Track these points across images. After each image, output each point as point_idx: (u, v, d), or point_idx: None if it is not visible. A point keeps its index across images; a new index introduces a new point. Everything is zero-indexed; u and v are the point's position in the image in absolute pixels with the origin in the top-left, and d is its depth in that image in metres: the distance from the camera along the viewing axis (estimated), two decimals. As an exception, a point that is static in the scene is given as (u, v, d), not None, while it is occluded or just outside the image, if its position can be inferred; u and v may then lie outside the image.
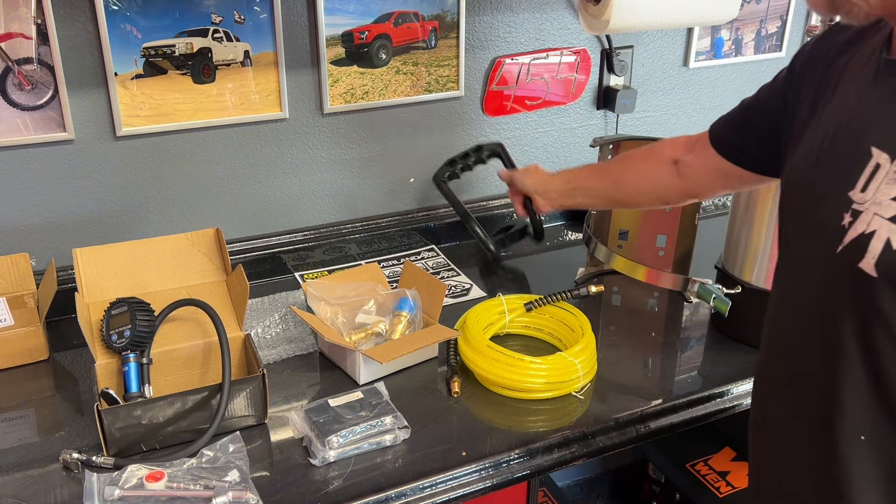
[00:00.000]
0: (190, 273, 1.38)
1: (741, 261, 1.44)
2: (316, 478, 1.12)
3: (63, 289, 1.38)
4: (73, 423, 1.25)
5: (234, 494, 1.05)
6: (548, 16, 1.83)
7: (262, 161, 1.67)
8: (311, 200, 1.75)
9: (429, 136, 1.81)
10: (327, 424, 1.18)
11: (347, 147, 1.74)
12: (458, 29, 1.73)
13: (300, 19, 1.59)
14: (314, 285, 1.45)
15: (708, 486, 1.74)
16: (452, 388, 1.30)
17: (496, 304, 1.46)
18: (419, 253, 1.82)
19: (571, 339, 1.39)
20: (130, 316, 1.24)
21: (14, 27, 1.38)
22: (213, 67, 1.54)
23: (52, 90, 1.44)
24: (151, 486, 1.05)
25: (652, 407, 1.29)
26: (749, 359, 1.40)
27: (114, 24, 1.44)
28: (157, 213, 1.61)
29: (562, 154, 1.99)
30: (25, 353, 1.38)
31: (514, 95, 1.86)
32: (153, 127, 1.54)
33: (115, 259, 1.34)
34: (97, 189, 1.55)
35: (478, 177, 1.90)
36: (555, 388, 1.29)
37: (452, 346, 1.39)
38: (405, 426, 1.20)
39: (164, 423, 1.16)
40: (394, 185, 1.82)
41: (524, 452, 1.19)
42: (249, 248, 1.69)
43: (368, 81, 1.69)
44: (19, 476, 1.13)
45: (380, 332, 1.39)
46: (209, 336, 1.30)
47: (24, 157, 1.47)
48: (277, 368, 1.37)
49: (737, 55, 2.08)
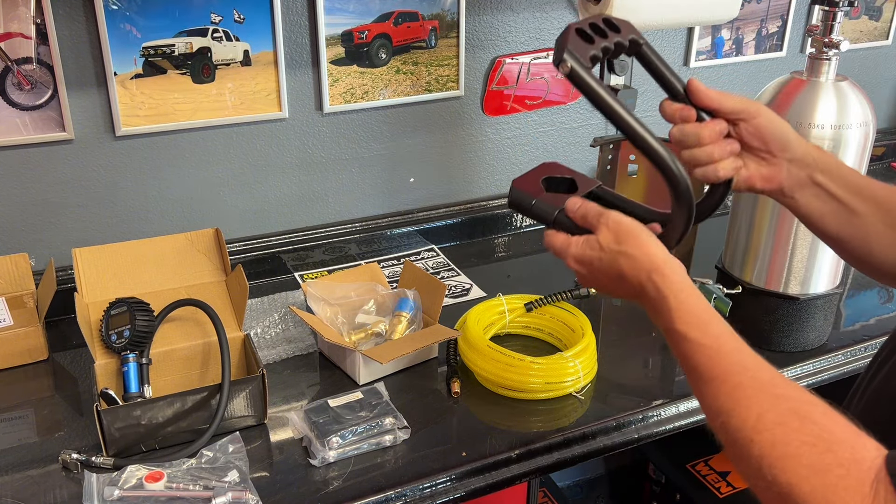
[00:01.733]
0: (189, 273, 1.38)
1: (742, 261, 1.44)
2: (316, 478, 1.12)
3: (62, 289, 1.38)
4: (72, 423, 1.25)
5: (233, 495, 1.05)
6: (548, 15, 1.83)
7: (261, 161, 1.67)
8: (311, 200, 1.75)
9: (429, 136, 1.81)
10: (327, 425, 1.17)
11: (347, 147, 1.74)
12: (458, 28, 1.73)
13: (300, 19, 1.59)
14: (314, 285, 1.45)
15: (708, 487, 1.74)
16: (452, 388, 1.30)
17: (496, 304, 1.46)
18: (419, 253, 1.82)
19: (572, 339, 1.39)
20: (130, 316, 1.24)
21: (13, 27, 1.38)
22: (212, 67, 1.54)
23: (52, 90, 1.44)
24: (151, 487, 1.05)
25: (652, 407, 1.28)
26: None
27: (113, 23, 1.44)
28: (156, 213, 1.61)
29: (562, 154, 1.98)
30: (25, 354, 1.38)
31: (514, 95, 1.86)
32: (153, 127, 1.53)
33: (115, 259, 1.34)
34: (97, 189, 1.55)
35: (478, 174, 1.90)
36: (555, 389, 1.29)
37: (452, 347, 1.38)
38: (405, 426, 1.20)
39: (163, 424, 1.16)
40: (394, 185, 1.82)
41: (524, 452, 1.19)
42: (249, 248, 1.69)
43: (368, 81, 1.69)
44: (19, 476, 1.12)
45: (380, 332, 1.39)
46: (209, 336, 1.30)
47: (24, 156, 1.47)
48: (277, 368, 1.37)
49: (737, 55, 2.07)
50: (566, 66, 0.84)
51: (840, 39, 1.29)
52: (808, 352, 1.43)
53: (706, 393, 0.72)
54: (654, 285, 0.79)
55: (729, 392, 0.69)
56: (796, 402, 0.67)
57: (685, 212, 0.86)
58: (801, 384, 1.42)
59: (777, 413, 0.65)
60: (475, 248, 1.86)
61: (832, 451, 0.62)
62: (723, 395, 0.69)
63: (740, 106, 0.93)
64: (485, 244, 1.88)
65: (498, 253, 1.86)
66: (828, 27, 1.30)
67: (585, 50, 0.86)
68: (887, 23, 2.26)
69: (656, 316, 0.80)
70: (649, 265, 0.81)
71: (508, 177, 1.93)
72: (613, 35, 0.93)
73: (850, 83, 1.32)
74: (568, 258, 0.89)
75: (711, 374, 0.71)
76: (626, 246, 0.83)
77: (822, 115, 1.28)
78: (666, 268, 0.80)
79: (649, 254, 0.82)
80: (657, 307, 0.79)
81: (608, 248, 0.85)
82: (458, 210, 1.88)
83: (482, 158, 1.89)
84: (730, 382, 0.69)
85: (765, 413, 0.66)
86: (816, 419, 0.65)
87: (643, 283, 0.81)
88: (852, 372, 1.43)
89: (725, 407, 0.68)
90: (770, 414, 0.65)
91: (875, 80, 2.34)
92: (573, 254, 0.89)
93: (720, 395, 0.70)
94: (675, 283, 0.78)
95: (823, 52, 1.30)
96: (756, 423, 0.66)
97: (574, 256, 0.89)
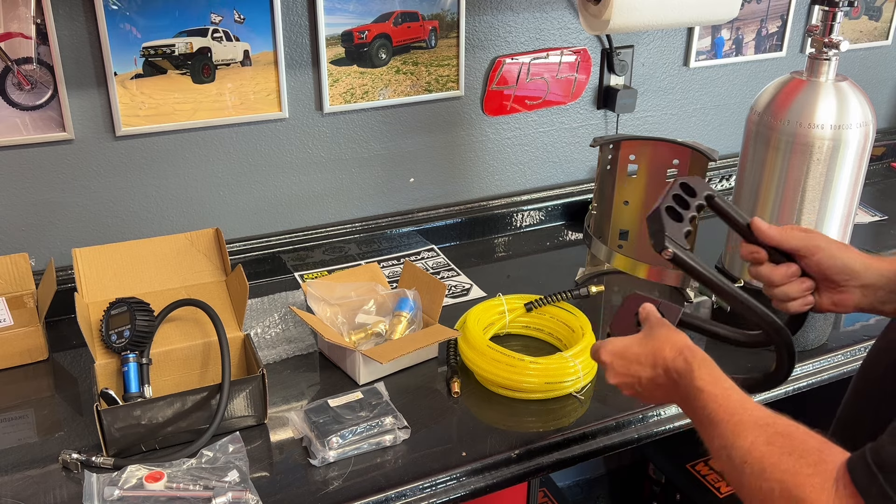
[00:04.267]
0: (189, 273, 1.38)
1: (741, 261, 1.44)
2: (316, 478, 1.12)
3: (62, 289, 1.38)
4: (72, 423, 1.25)
5: (233, 495, 1.05)
6: (548, 15, 1.83)
7: (261, 161, 1.67)
8: (311, 200, 1.75)
9: (429, 136, 1.81)
10: (327, 425, 1.17)
11: (347, 147, 1.74)
12: (458, 29, 1.73)
13: (300, 19, 1.59)
14: (314, 285, 1.45)
15: (708, 487, 1.74)
16: (452, 388, 1.30)
17: (496, 304, 1.46)
18: (419, 253, 1.82)
19: (572, 339, 1.39)
20: (130, 316, 1.24)
21: (13, 27, 1.38)
22: (212, 67, 1.54)
23: (52, 90, 1.44)
24: (151, 487, 1.05)
25: (652, 407, 1.28)
26: (749, 358, 1.39)
27: (113, 23, 1.44)
28: (156, 213, 1.61)
29: (562, 154, 1.98)
30: (25, 354, 1.38)
31: (514, 95, 1.86)
32: (153, 127, 1.53)
33: (115, 259, 1.34)
34: (97, 189, 1.55)
35: (479, 173, 1.90)
36: (555, 389, 1.29)
37: (452, 347, 1.38)
38: (405, 426, 1.20)
39: (163, 424, 1.16)
40: (394, 185, 1.82)
41: (524, 452, 1.19)
42: (249, 248, 1.69)
43: (368, 81, 1.69)
44: (19, 476, 1.12)
45: (380, 332, 1.39)
46: (209, 336, 1.30)
47: (24, 156, 1.47)
48: (277, 369, 1.37)
49: (737, 55, 2.07)
50: (668, 253, 0.97)
51: (840, 39, 1.29)
52: (808, 352, 1.43)
53: (714, 434, 0.84)
54: (684, 357, 0.92)
55: (732, 429, 0.82)
56: (781, 426, 0.80)
57: (787, 351, 1.00)
58: (802, 384, 1.42)
59: (766, 436, 0.79)
60: (475, 248, 1.85)
61: (804, 457, 0.75)
62: (728, 432, 0.82)
63: (800, 244, 1.01)
64: (485, 244, 1.88)
65: (498, 253, 1.86)
66: (828, 27, 1.30)
67: (679, 230, 0.99)
68: (887, 23, 2.26)
69: (678, 383, 0.92)
70: (682, 344, 0.94)
71: (508, 177, 1.93)
72: (692, 200, 1.02)
73: (850, 83, 1.32)
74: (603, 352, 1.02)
75: (719, 417, 0.84)
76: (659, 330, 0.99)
77: (822, 115, 1.28)
78: (692, 345, 0.94)
79: (678, 339, 0.96)
80: (681, 372, 0.92)
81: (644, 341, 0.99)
82: (458, 210, 1.88)
83: (482, 158, 1.89)
84: (732, 421, 0.82)
85: (756, 438, 0.79)
86: (794, 435, 0.78)
87: (675, 358, 0.93)
88: (852, 372, 1.42)
89: (728, 441, 0.81)
90: (760, 438, 0.79)
91: (875, 80, 2.34)
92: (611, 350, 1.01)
93: (725, 433, 0.82)
94: (697, 353, 0.92)
95: (823, 52, 1.30)
96: (750, 447, 0.79)
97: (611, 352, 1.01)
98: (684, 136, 2.00)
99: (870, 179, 1.88)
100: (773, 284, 1.03)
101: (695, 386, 0.88)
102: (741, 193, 1.42)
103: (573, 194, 1.99)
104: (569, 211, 1.98)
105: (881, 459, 0.71)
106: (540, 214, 1.96)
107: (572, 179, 2.02)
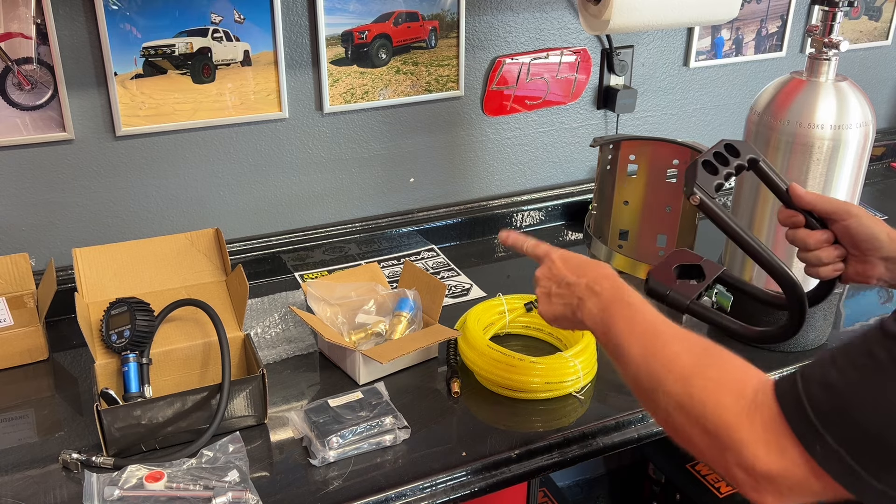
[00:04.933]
0: (189, 273, 1.38)
1: (741, 261, 1.44)
2: (316, 478, 1.12)
3: (63, 289, 1.38)
4: (72, 423, 1.25)
5: (233, 495, 1.05)
6: (548, 16, 1.83)
7: (261, 161, 1.67)
8: (311, 200, 1.75)
9: (429, 136, 1.81)
10: (327, 425, 1.18)
11: (347, 147, 1.74)
12: (458, 29, 1.73)
13: (300, 19, 1.59)
14: (314, 285, 1.45)
15: (708, 486, 1.74)
16: (452, 388, 1.30)
17: (496, 304, 1.46)
18: (419, 253, 1.82)
19: (571, 339, 1.39)
20: (130, 316, 1.24)
21: (14, 27, 1.38)
22: (212, 67, 1.54)
23: (52, 90, 1.44)
24: (151, 487, 1.05)
25: (652, 407, 1.28)
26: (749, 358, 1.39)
27: (113, 23, 1.44)
28: (156, 213, 1.61)
29: (562, 154, 1.99)
30: (25, 354, 1.38)
31: (514, 95, 1.86)
32: (153, 127, 1.53)
33: (115, 259, 1.34)
34: (97, 189, 1.55)
35: (481, 171, 1.90)
36: (555, 389, 1.29)
37: (452, 346, 1.39)
38: (405, 426, 1.20)
39: (163, 424, 1.16)
40: (394, 185, 1.82)
41: (524, 452, 1.19)
42: (249, 248, 1.69)
43: (368, 81, 1.69)
44: (19, 476, 1.13)
45: (380, 332, 1.39)
46: (209, 336, 1.30)
47: (24, 156, 1.47)
48: (277, 368, 1.37)
49: (737, 55, 2.07)
50: (696, 199, 1.03)
51: (840, 39, 1.29)
52: (808, 352, 1.43)
53: (635, 343, 0.86)
54: (617, 283, 0.97)
55: (658, 338, 0.84)
56: (707, 343, 0.83)
57: (798, 307, 1.04)
58: (801, 384, 1.42)
59: (689, 346, 0.82)
60: (475, 248, 1.86)
61: (725, 368, 0.79)
62: (655, 340, 0.84)
63: (832, 208, 1.05)
64: (485, 244, 1.88)
65: (498, 253, 1.86)
66: (827, 27, 1.30)
67: (710, 181, 1.04)
68: (887, 23, 2.27)
69: (599, 296, 0.96)
70: (619, 278, 0.99)
71: (508, 177, 1.93)
72: (734, 160, 1.08)
73: (849, 83, 1.32)
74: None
75: (644, 328, 0.87)
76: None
77: (822, 115, 1.28)
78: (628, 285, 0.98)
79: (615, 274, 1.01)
80: (609, 289, 0.96)
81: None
82: (458, 210, 1.88)
83: (482, 158, 1.89)
84: (658, 331, 0.85)
85: (682, 349, 0.82)
86: (719, 352, 0.81)
87: (607, 277, 0.99)
88: (852, 372, 1.43)
89: (651, 350, 0.83)
90: (686, 349, 0.82)
91: (875, 80, 2.34)
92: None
93: (652, 342, 0.84)
94: (630, 287, 0.96)
95: (823, 52, 1.31)
96: (674, 356, 0.81)
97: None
98: (684, 136, 2.00)
99: (870, 179, 1.88)
100: (808, 248, 1.08)
101: (624, 301, 0.92)
102: (741, 193, 1.42)
103: (573, 194, 1.99)
104: (569, 211, 1.98)
105: (814, 402, 0.69)
106: (540, 214, 1.96)
107: (572, 179, 2.02)
